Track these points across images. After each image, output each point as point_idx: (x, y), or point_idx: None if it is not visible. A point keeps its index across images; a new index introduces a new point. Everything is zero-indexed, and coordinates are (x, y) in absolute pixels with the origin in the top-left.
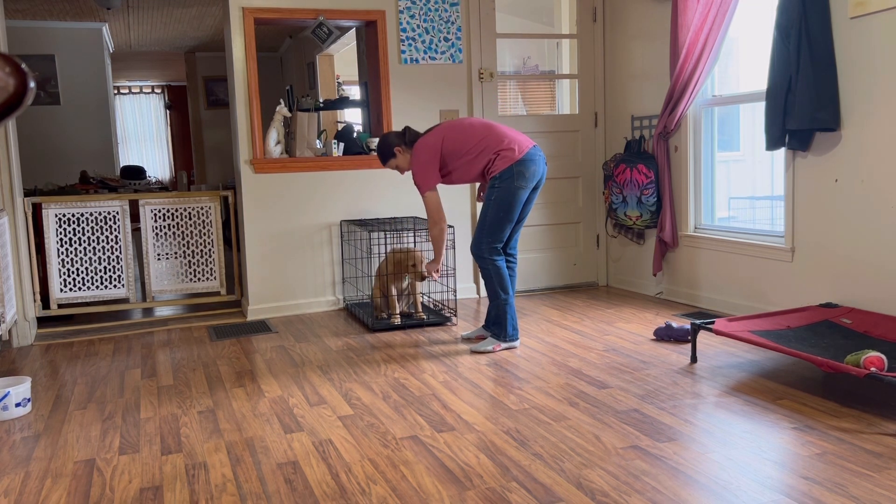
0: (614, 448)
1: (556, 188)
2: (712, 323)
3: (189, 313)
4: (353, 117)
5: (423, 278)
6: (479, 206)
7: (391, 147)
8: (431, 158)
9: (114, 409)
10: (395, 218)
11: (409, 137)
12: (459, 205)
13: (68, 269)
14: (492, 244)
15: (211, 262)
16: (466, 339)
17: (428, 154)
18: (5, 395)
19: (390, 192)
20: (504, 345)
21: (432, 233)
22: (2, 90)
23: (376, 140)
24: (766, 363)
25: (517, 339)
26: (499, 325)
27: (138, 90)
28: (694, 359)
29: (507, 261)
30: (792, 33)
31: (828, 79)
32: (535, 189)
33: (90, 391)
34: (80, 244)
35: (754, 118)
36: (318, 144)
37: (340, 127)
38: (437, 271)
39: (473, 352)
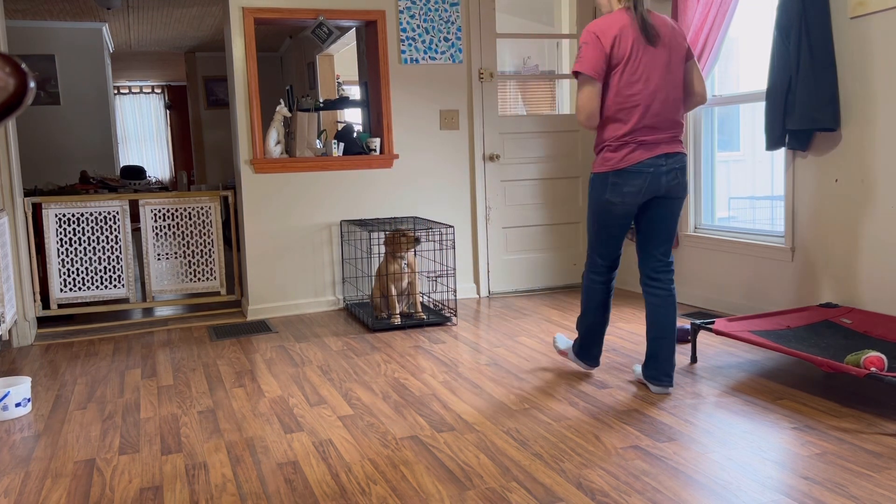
0: (614, 448)
1: (556, 188)
2: (712, 323)
3: (189, 313)
4: (353, 117)
5: (414, 243)
6: (486, 206)
7: None
8: (600, 45)
9: (114, 409)
10: (395, 218)
11: None
12: (460, 204)
13: (68, 269)
14: (591, 254)
15: (211, 262)
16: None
17: (601, 34)
18: (5, 395)
19: (390, 192)
20: (572, 356)
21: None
22: (2, 90)
23: (376, 140)
24: (766, 363)
25: (585, 361)
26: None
27: (138, 90)
28: (694, 359)
29: (648, 283)
30: (792, 33)
31: (828, 79)
32: (654, 200)
33: (90, 391)
34: (80, 244)
35: (754, 118)
36: (318, 144)
37: (340, 127)
38: None
39: (555, 347)
